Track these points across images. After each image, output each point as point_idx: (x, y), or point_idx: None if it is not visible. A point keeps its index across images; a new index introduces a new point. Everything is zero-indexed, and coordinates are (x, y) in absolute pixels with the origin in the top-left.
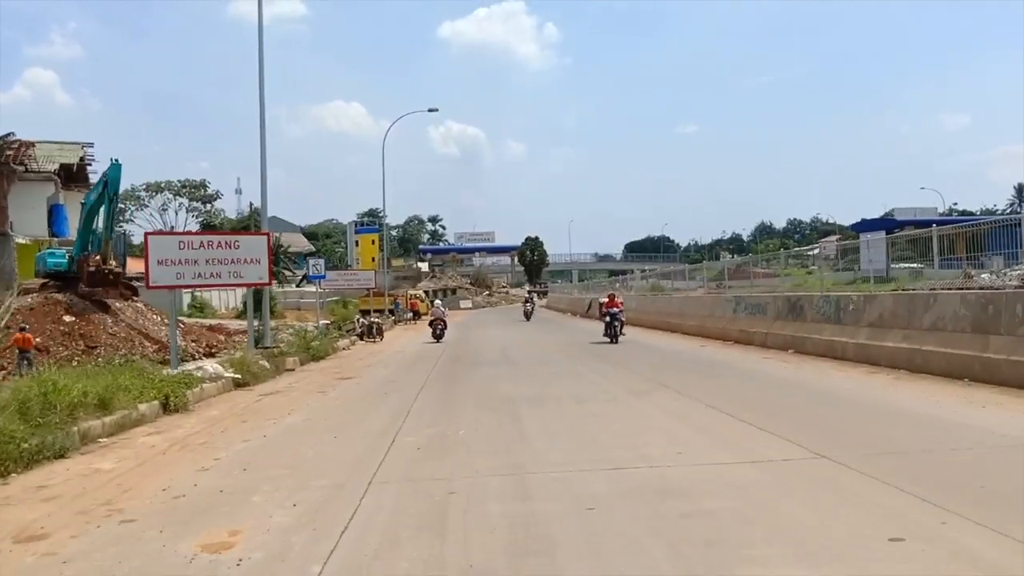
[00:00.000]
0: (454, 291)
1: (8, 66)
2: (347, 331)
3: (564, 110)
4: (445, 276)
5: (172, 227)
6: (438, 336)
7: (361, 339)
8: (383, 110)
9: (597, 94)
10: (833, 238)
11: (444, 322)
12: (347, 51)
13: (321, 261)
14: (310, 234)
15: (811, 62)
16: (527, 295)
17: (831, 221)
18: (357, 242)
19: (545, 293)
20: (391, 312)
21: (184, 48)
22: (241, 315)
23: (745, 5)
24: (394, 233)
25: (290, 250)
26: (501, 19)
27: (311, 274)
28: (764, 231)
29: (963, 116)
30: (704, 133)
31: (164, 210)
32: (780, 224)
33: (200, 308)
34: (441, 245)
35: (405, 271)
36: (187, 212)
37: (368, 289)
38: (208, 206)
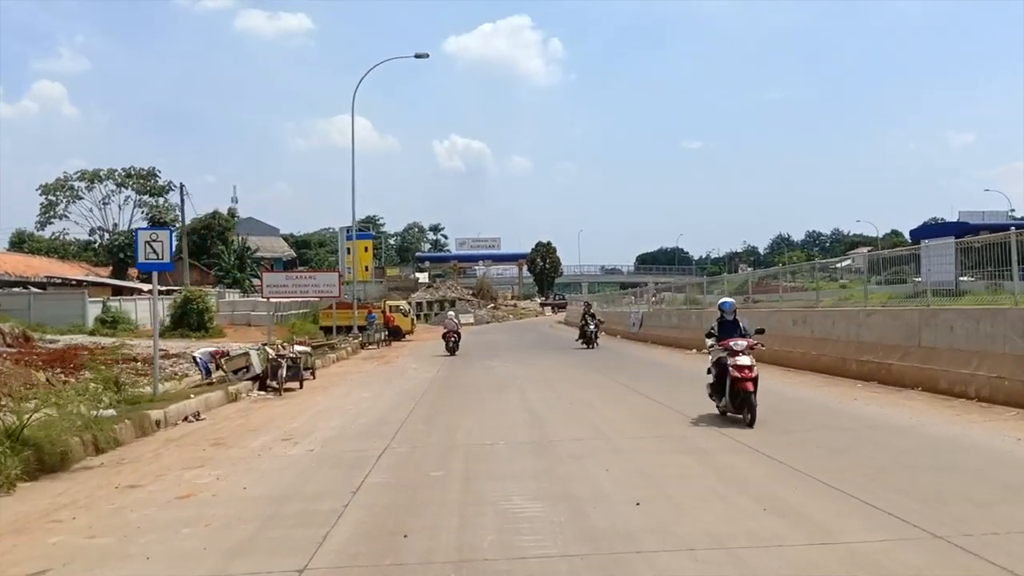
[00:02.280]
0: (453, 303)
1: (16, 79)
2: (236, 371)
3: (569, 125)
4: (444, 286)
5: (115, 224)
6: (451, 349)
7: (263, 390)
8: (388, 124)
9: (602, 109)
10: (863, 249)
11: (458, 334)
12: (352, 65)
13: (166, 236)
14: (303, 242)
15: (815, 80)
16: (586, 313)
17: (852, 232)
18: (349, 249)
19: (564, 306)
20: (361, 329)
21: (191, 62)
22: (167, 332)
23: (750, 24)
24: (392, 241)
25: (257, 254)
26: (506, 34)
27: (141, 261)
28: (782, 243)
29: (968, 134)
30: (709, 148)
31: (106, 204)
32: (798, 236)
33: (112, 322)
34: (442, 253)
35: (401, 281)
36: (135, 206)
37: (331, 298)
38: (162, 200)
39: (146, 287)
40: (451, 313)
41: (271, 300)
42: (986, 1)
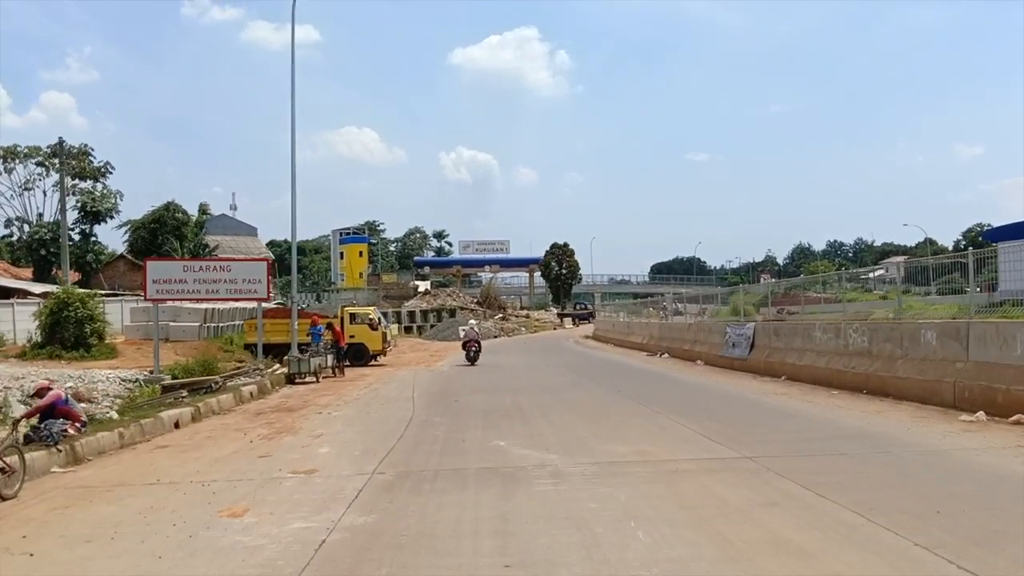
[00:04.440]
0: (453, 312)
1: (25, 90)
2: None
3: (575, 136)
4: (443, 293)
5: (40, 215)
6: (472, 358)
7: None
8: (395, 135)
9: (608, 121)
10: (899, 258)
11: (478, 343)
12: (360, 77)
13: None
14: (298, 248)
15: (821, 92)
16: None
17: (877, 241)
18: (342, 254)
19: (588, 317)
20: (303, 349)
21: (198, 73)
22: (30, 352)
23: (757, 37)
24: (392, 248)
25: (219, 252)
26: (513, 46)
27: None
28: (802, 253)
29: (977, 147)
30: (715, 161)
31: (27, 189)
32: (818, 246)
33: None
34: (443, 258)
35: (398, 288)
36: (68, 193)
37: (257, 301)
38: (98, 184)
39: (38, 288)
40: (472, 322)
41: (159, 304)
42: (993, 12)
